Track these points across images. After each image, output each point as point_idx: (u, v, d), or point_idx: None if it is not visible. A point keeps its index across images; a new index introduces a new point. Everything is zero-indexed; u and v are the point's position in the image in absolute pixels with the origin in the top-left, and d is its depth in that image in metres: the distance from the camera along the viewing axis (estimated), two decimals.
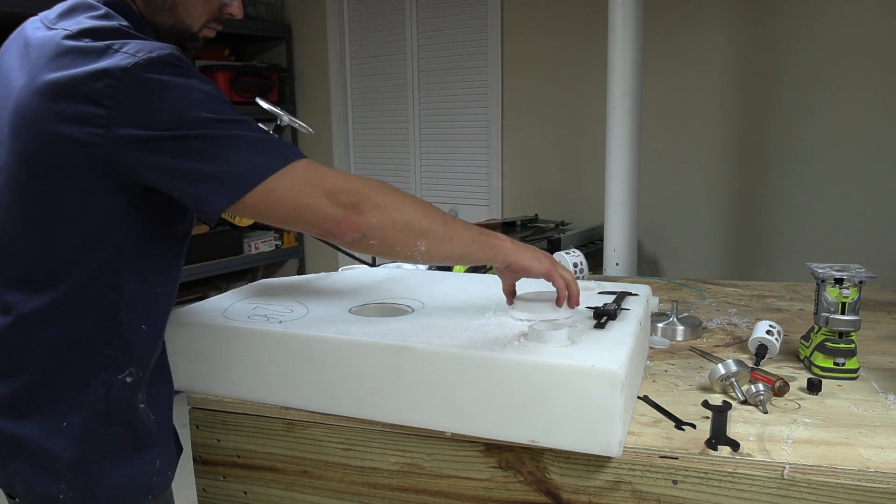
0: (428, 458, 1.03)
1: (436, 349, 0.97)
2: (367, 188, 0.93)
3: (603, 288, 1.28)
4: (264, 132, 0.93)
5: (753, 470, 0.89)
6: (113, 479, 0.99)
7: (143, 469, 1.02)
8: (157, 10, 1.01)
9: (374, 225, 0.92)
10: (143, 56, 0.88)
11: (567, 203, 3.20)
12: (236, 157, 0.89)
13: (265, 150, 0.90)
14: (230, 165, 0.89)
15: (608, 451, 0.90)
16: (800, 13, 2.56)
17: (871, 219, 2.55)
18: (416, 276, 1.41)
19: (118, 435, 1.00)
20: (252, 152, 0.90)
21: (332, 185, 0.91)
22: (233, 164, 0.89)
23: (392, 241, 0.94)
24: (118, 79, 0.86)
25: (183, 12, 1.02)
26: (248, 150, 0.90)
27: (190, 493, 1.22)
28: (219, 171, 0.89)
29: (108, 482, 0.99)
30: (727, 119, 2.77)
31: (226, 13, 1.07)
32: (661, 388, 1.13)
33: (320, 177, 0.92)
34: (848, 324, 1.15)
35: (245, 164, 0.89)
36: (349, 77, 3.91)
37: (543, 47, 3.17)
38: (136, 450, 1.01)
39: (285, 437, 1.11)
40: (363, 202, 0.92)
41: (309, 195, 0.91)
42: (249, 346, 1.09)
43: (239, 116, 0.92)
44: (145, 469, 1.02)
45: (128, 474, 1.00)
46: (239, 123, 0.91)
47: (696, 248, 2.93)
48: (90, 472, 0.98)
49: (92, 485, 0.98)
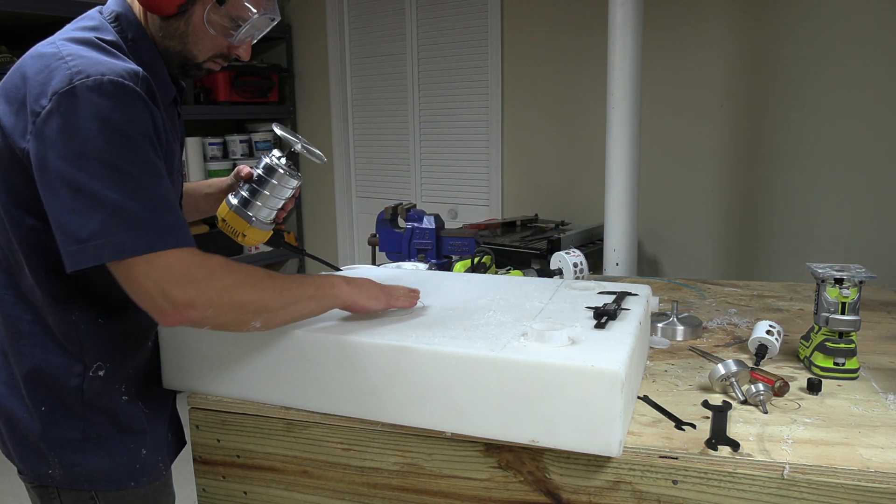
0: (428, 458, 1.03)
1: (436, 349, 0.97)
2: (207, 285, 0.93)
3: (603, 288, 1.28)
4: (150, 200, 0.91)
5: (753, 470, 0.89)
6: (95, 462, 1.07)
7: (127, 456, 1.09)
8: (169, 35, 1.05)
9: (207, 316, 0.94)
10: (78, 80, 0.90)
11: (567, 203, 3.20)
12: (96, 224, 0.88)
13: (131, 226, 0.89)
14: (87, 229, 0.89)
15: (608, 451, 0.90)
16: (800, 13, 2.56)
17: (871, 219, 2.55)
18: (417, 277, 1.41)
19: (99, 421, 1.07)
20: (117, 224, 0.89)
21: (172, 284, 0.91)
22: (90, 228, 0.88)
23: (224, 325, 0.98)
24: (52, 99, 0.90)
25: (192, 43, 1.06)
26: (113, 220, 0.89)
27: (190, 493, 1.23)
28: (72, 229, 0.89)
29: (92, 465, 1.07)
30: (727, 119, 2.77)
31: (233, 53, 1.10)
32: (661, 388, 1.13)
33: (165, 274, 0.91)
34: (848, 324, 1.15)
35: (100, 237, 0.89)
36: (349, 77, 3.91)
37: (543, 47, 3.17)
38: (118, 436, 1.09)
39: (285, 437, 1.11)
40: (197, 298, 0.92)
41: (148, 287, 0.91)
42: (249, 346, 1.09)
43: (139, 171, 0.91)
44: (129, 456, 1.09)
45: (110, 459, 1.08)
46: (132, 180, 0.90)
47: (696, 248, 2.93)
48: (73, 452, 1.06)
49: (76, 466, 1.06)
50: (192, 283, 0.92)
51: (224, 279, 0.95)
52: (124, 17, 1.05)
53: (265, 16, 1.08)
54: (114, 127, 0.90)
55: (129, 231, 0.89)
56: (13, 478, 1.14)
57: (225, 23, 1.06)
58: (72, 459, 1.06)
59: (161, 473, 1.14)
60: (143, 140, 0.93)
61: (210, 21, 1.04)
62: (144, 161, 0.92)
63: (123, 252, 0.89)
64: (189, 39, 1.05)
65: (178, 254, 0.92)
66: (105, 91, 0.90)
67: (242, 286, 0.96)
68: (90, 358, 1.06)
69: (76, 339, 1.04)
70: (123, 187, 0.89)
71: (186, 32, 1.05)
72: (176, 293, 0.91)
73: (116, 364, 1.08)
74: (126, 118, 0.91)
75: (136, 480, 1.10)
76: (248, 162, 3.87)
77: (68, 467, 1.06)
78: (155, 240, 0.90)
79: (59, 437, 1.05)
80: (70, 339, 1.04)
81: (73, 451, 1.06)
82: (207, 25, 1.04)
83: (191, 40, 1.06)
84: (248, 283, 0.97)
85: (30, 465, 1.08)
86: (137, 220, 0.89)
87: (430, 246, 1.87)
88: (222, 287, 0.94)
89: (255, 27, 1.08)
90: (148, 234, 0.90)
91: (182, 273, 0.92)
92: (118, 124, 0.90)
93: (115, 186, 0.89)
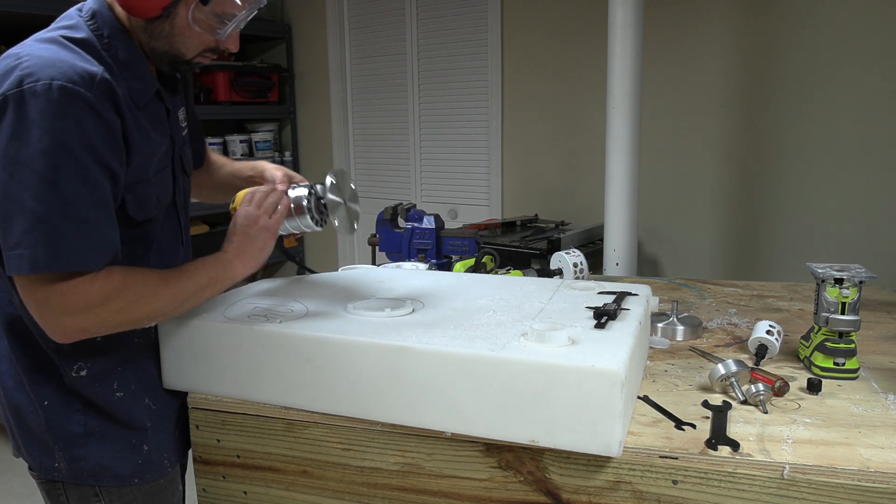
0: (428, 458, 1.03)
1: (436, 349, 0.97)
2: (102, 309, 0.96)
3: (603, 288, 1.28)
4: (73, 215, 0.91)
5: (753, 470, 0.89)
6: (98, 456, 1.08)
7: (129, 451, 1.10)
8: (154, 37, 1.04)
9: (101, 333, 1.01)
10: (28, 84, 0.89)
11: (567, 203, 3.20)
12: (19, 233, 0.90)
13: (47, 240, 0.90)
14: (13, 237, 0.90)
15: (608, 451, 0.90)
16: (800, 14, 2.56)
17: (871, 219, 2.55)
18: (417, 277, 1.41)
19: (98, 417, 1.08)
20: (35, 236, 0.89)
21: (67, 314, 0.94)
22: (14, 236, 0.90)
23: (118, 332, 1.03)
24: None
25: (179, 42, 1.05)
26: (33, 232, 0.89)
27: (190, 493, 1.23)
28: (2, 234, 0.91)
29: (94, 459, 1.08)
30: (727, 119, 2.77)
31: (222, 46, 1.09)
32: (661, 388, 1.13)
33: (62, 302, 0.93)
34: (848, 324, 1.15)
35: (21, 247, 0.90)
36: (349, 77, 3.90)
37: (543, 46, 3.17)
38: (119, 432, 1.09)
39: (285, 437, 1.11)
40: (89, 324, 0.96)
41: (45, 311, 0.94)
42: (249, 345, 1.09)
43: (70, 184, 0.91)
44: (130, 452, 1.10)
45: (112, 454, 1.09)
46: (59, 194, 0.90)
47: (696, 248, 2.93)
48: (76, 447, 1.07)
49: (79, 460, 1.07)
50: (87, 311, 0.95)
51: (119, 300, 0.97)
52: (100, 15, 1.03)
53: (251, 8, 1.06)
54: (53, 135, 0.89)
55: (44, 246, 0.90)
56: (13, 478, 1.15)
57: (211, 21, 1.04)
58: (75, 454, 1.07)
59: (166, 471, 1.14)
60: (83, 150, 0.92)
61: (195, 20, 1.02)
62: (78, 174, 0.92)
63: (37, 266, 0.90)
64: (176, 39, 1.04)
65: (80, 281, 0.93)
66: (51, 97, 0.89)
67: (137, 303, 0.99)
68: (68, 359, 1.06)
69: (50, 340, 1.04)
70: (49, 199, 0.90)
71: (172, 33, 1.03)
72: (69, 322, 0.95)
73: (99, 364, 1.08)
74: (67, 127, 0.90)
75: (140, 477, 1.11)
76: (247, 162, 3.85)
77: (72, 461, 1.07)
78: (65, 258, 0.91)
79: (63, 432, 1.07)
80: (46, 339, 1.04)
81: (75, 445, 1.07)
82: (193, 24, 1.02)
83: (177, 40, 1.04)
84: (143, 298, 1.00)
85: (37, 458, 1.09)
86: (55, 235, 0.90)
87: (430, 246, 1.87)
88: (116, 309, 0.97)
89: (241, 20, 1.07)
90: (60, 251, 0.91)
91: (78, 301, 0.94)
92: (58, 133, 0.90)
93: (40, 197, 0.90)
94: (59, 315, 0.94)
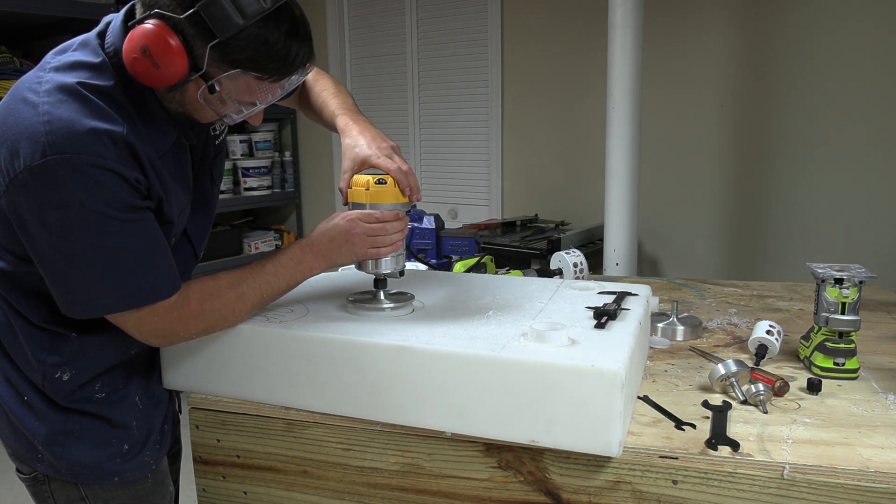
0: (428, 458, 1.03)
1: (436, 349, 0.97)
2: (185, 333, 1.04)
3: (603, 288, 1.28)
4: (127, 266, 0.96)
5: (753, 470, 0.89)
6: (76, 454, 1.09)
7: (107, 449, 1.10)
8: (167, 100, 1.01)
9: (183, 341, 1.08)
10: (52, 156, 0.89)
11: (567, 203, 3.20)
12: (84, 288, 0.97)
13: (114, 291, 0.97)
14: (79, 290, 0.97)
15: (608, 451, 0.90)
16: (801, 14, 2.56)
17: (871, 219, 2.55)
18: (417, 276, 1.41)
19: (77, 416, 1.09)
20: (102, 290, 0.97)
21: (153, 336, 1.03)
22: (81, 290, 0.97)
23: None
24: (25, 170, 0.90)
25: (192, 111, 1.02)
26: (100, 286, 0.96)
27: (190, 493, 1.22)
28: (66, 290, 0.97)
29: (73, 457, 1.08)
30: (727, 119, 2.77)
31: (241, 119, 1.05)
32: (661, 388, 1.13)
33: (148, 328, 1.01)
34: (848, 324, 1.15)
35: (88, 300, 0.97)
36: (349, 77, 3.90)
37: (543, 47, 3.17)
38: (99, 430, 1.10)
39: (285, 437, 1.11)
40: (175, 341, 1.06)
41: (136, 335, 1.02)
42: (249, 346, 1.09)
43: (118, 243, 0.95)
44: (110, 450, 1.10)
45: (91, 452, 1.09)
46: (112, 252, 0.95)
47: (696, 248, 2.93)
48: (56, 444, 1.08)
49: (59, 458, 1.08)
50: (171, 334, 1.03)
51: (200, 324, 1.04)
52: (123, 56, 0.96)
53: (268, 101, 1.00)
54: (90, 207, 0.91)
55: (113, 295, 0.97)
56: (13, 478, 1.15)
57: (222, 104, 0.99)
58: (55, 451, 1.07)
59: (149, 468, 1.14)
60: (122, 213, 0.94)
61: (206, 99, 0.97)
62: (121, 232, 0.95)
63: (109, 309, 0.99)
64: (188, 108, 1.01)
65: (157, 311, 1.00)
66: (78, 171, 0.90)
67: (218, 324, 1.07)
68: (49, 365, 1.06)
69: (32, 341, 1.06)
70: (104, 258, 0.95)
71: (184, 102, 1.00)
72: (157, 342, 1.06)
73: (81, 368, 1.08)
74: (101, 199, 0.91)
75: (120, 475, 1.10)
76: (247, 161, 3.86)
77: (53, 459, 1.08)
78: (136, 299, 0.98)
79: (45, 429, 1.07)
80: (28, 338, 1.06)
81: (55, 442, 1.07)
82: (203, 102, 0.98)
83: (189, 108, 1.01)
84: (223, 316, 1.06)
85: (21, 454, 1.10)
86: (120, 286, 0.97)
87: (430, 246, 1.87)
88: (200, 331, 1.06)
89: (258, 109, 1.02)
90: (129, 296, 0.98)
91: (160, 328, 1.02)
92: (94, 205, 0.91)
93: (97, 258, 0.94)
94: (148, 338, 1.03)
